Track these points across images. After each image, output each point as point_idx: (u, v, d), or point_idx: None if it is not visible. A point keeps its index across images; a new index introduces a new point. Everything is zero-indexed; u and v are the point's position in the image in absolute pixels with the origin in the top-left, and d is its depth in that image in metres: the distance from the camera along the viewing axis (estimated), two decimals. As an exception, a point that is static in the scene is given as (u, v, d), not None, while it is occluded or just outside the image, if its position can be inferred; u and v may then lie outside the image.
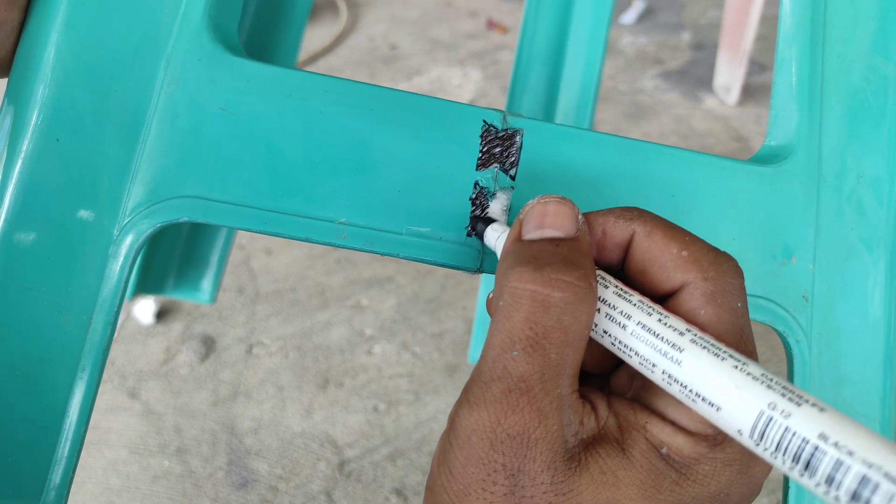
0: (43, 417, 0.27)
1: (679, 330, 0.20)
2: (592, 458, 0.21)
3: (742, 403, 0.18)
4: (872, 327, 0.30)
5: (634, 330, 0.21)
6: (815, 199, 0.30)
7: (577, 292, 0.20)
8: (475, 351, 0.77)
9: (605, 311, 0.22)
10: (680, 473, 0.21)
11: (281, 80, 0.28)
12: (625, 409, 0.22)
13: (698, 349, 0.19)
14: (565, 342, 0.20)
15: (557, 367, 0.20)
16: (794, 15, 0.31)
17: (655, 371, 0.20)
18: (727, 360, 0.19)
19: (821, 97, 0.31)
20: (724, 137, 1.53)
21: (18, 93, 0.27)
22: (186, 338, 1.08)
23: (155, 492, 0.90)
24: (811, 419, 0.17)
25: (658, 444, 0.21)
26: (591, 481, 0.20)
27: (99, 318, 0.27)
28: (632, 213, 0.23)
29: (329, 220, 0.28)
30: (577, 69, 0.61)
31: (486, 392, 0.21)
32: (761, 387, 0.18)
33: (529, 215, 0.23)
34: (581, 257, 0.22)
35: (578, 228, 0.22)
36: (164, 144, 0.27)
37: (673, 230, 0.22)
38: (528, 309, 0.20)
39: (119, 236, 0.27)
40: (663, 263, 0.22)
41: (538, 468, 0.20)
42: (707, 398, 0.19)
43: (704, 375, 0.19)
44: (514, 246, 0.23)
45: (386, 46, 1.79)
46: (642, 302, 0.21)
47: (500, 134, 0.28)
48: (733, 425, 0.18)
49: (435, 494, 0.22)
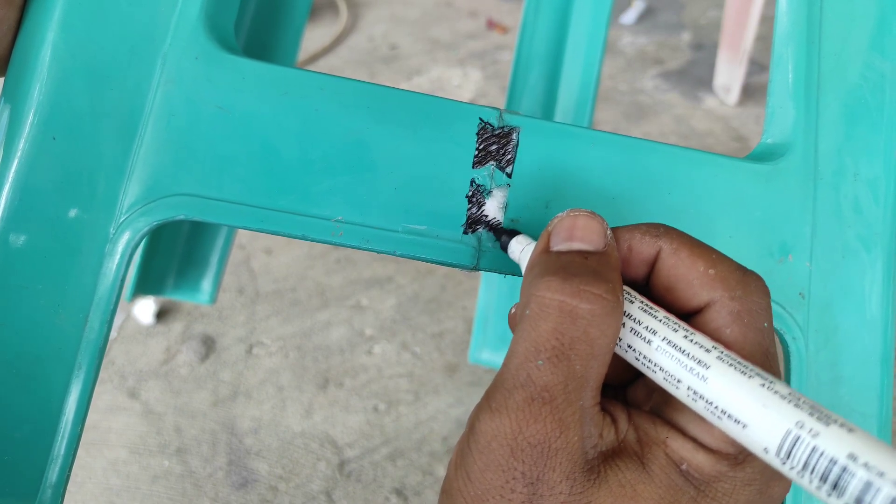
0: (39, 416, 0.27)
1: (705, 347, 0.20)
2: (612, 471, 0.21)
3: (769, 421, 0.18)
4: (869, 325, 0.30)
5: (660, 346, 0.21)
6: (812, 197, 0.30)
7: (604, 305, 0.20)
8: (475, 351, 0.77)
9: (631, 325, 0.22)
10: (699, 490, 0.21)
11: (277, 78, 0.28)
12: (645, 423, 0.22)
13: (725, 366, 0.19)
14: (591, 354, 0.20)
15: (581, 379, 0.20)
16: (791, 13, 0.31)
17: (680, 387, 0.20)
18: (754, 378, 0.19)
19: (817, 95, 0.31)
20: (724, 137, 1.53)
21: (15, 91, 0.27)
22: (186, 338, 1.08)
23: (155, 492, 0.90)
24: (840, 439, 0.17)
25: (678, 459, 0.21)
26: (609, 494, 0.20)
27: (95, 316, 0.27)
28: (658, 230, 0.23)
29: (325, 218, 0.28)
30: (576, 69, 0.61)
31: (509, 399, 0.21)
32: (789, 405, 0.18)
33: (558, 227, 0.23)
34: (609, 271, 0.22)
35: (607, 243, 0.23)
36: (161, 142, 0.27)
37: (700, 248, 0.22)
38: (555, 319, 0.20)
39: (115, 234, 0.27)
40: (690, 281, 0.22)
41: (557, 478, 0.20)
42: (733, 415, 0.19)
43: (731, 392, 0.19)
44: (541, 257, 0.23)
45: (386, 46, 1.79)
46: (668, 318, 0.21)
47: (496, 132, 0.28)
48: (759, 443, 0.18)
49: (451, 498, 0.22)
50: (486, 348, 0.76)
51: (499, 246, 0.28)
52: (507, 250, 0.27)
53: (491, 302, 0.76)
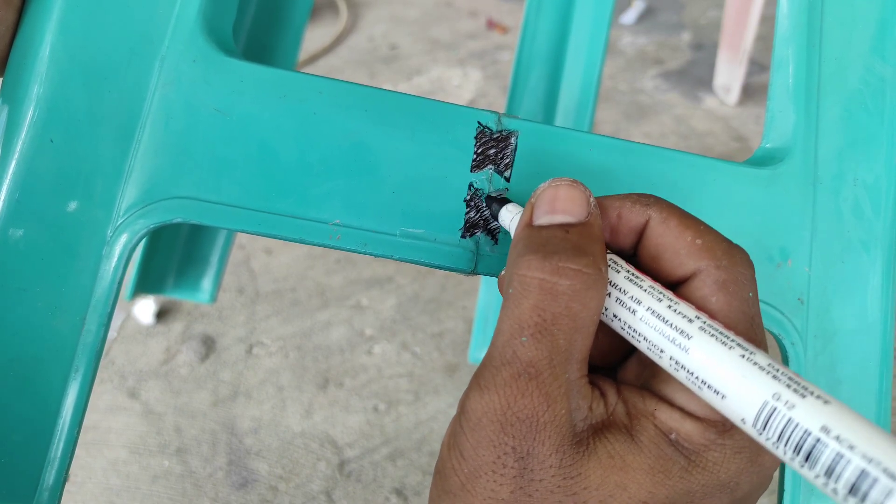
0: (36, 418, 0.27)
1: (688, 317, 0.20)
2: (601, 443, 0.21)
3: (747, 393, 0.18)
4: (868, 330, 0.30)
5: (644, 315, 0.21)
6: (812, 202, 0.30)
7: (585, 280, 0.21)
8: (475, 351, 0.77)
9: (616, 295, 0.22)
10: (689, 460, 0.21)
11: (276, 81, 0.28)
12: (634, 397, 0.22)
13: (707, 337, 0.20)
14: (574, 328, 0.21)
15: (566, 353, 0.21)
16: (791, 16, 0.31)
17: (663, 357, 0.21)
18: (735, 348, 0.19)
19: (817, 99, 0.31)
20: (724, 137, 1.52)
21: (13, 92, 0.27)
22: (186, 338, 1.08)
23: (155, 492, 0.90)
24: (815, 411, 0.17)
25: (667, 430, 0.21)
26: (598, 465, 0.21)
27: (93, 318, 0.27)
28: (648, 200, 0.23)
29: (323, 222, 0.28)
30: (577, 69, 0.60)
31: (497, 376, 0.21)
32: (767, 377, 0.18)
33: (540, 199, 0.23)
34: (591, 243, 0.22)
35: (590, 212, 0.23)
36: (159, 145, 0.27)
37: (688, 218, 0.23)
38: (536, 297, 0.21)
39: (113, 237, 0.27)
40: (677, 250, 0.22)
41: (547, 451, 0.20)
42: (713, 386, 0.19)
43: (711, 363, 0.19)
44: (524, 232, 0.23)
45: (386, 46, 1.79)
46: (653, 287, 0.21)
47: (494, 135, 0.28)
48: (737, 413, 0.19)
49: (445, 478, 0.22)
50: (486, 348, 0.76)
51: (494, 243, 0.28)
52: (498, 218, 0.27)
53: (491, 302, 0.76)
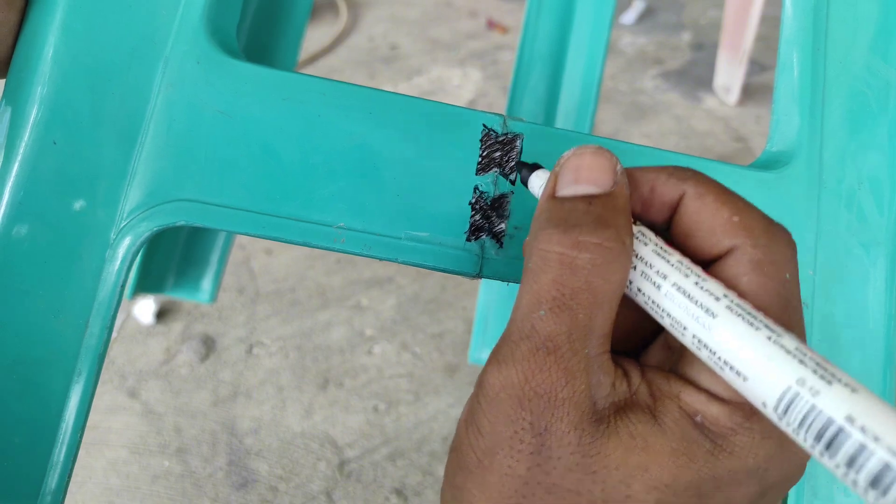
0: (39, 422, 0.27)
1: (715, 295, 0.19)
2: (622, 423, 0.20)
3: (770, 376, 0.18)
4: (873, 334, 0.30)
5: (668, 291, 0.20)
6: (816, 205, 0.30)
7: (606, 254, 0.20)
8: (475, 351, 0.77)
9: (641, 268, 0.21)
10: (715, 444, 0.20)
11: (279, 83, 0.27)
12: (658, 379, 0.22)
13: (732, 316, 0.19)
14: (594, 303, 0.20)
15: (586, 328, 0.20)
16: (796, 20, 0.31)
17: (686, 334, 0.20)
18: (761, 329, 0.18)
19: (822, 102, 0.30)
20: (724, 137, 1.52)
21: (16, 93, 0.27)
22: (186, 338, 1.08)
23: (155, 492, 0.90)
24: (840, 399, 0.16)
25: (692, 412, 0.21)
26: (619, 444, 0.20)
27: (95, 321, 0.27)
28: (685, 173, 0.22)
29: (327, 225, 0.27)
30: (578, 69, 0.60)
31: (515, 350, 0.20)
32: (793, 361, 0.17)
33: (564, 169, 0.22)
34: (615, 215, 0.21)
35: (616, 182, 0.21)
36: (162, 147, 0.27)
37: (727, 194, 0.21)
38: (555, 271, 0.20)
39: (116, 239, 0.27)
40: (712, 227, 0.21)
41: (565, 428, 0.20)
42: (735, 367, 0.18)
43: (734, 343, 0.18)
44: (547, 204, 0.22)
45: (386, 46, 1.79)
46: (681, 263, 0.20)
47: (500, 138, 0.28)
48: (759, 397, 0.18)
49: (461, 454, 0.22)
50: (486, 348, 0.76)
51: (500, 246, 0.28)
52: (528, 185, 0.26)
53: (491, 302, 0.76)
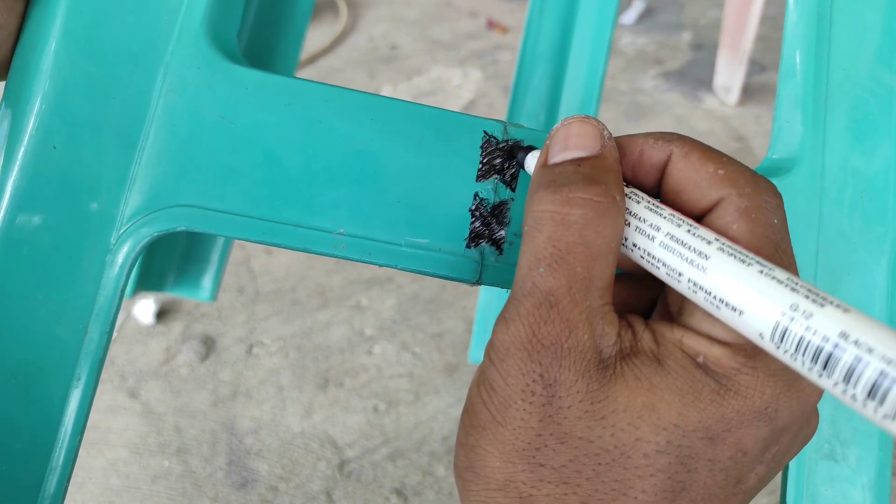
0: (38, 426, 0.27)
1: (707, 239, 0.20)
2: (628, 367, 0.21)
3: (764, 306, 0.18)
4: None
5: (662, 241, 0.21)
6: (818, 213, 0.30)
7: (596, 208, 0.21)
8: (475, 351, 0.77)
9: (635, 224, 0.22)
10: (720, 384, 0.21)
11: (280, 88, 0.27)
12: (661, 327, 0.23)
13: (725, 256, 0.19)
14: (590, 256, 0.21)
15: (585, 280, 0.21)
16: (800, 26, 0.31)
17: (682, 280, 0.20)
18: (753, 265, 0.19)
19: (825, 110, 0.30)
20: (724, 137, 1.52)
21: (16, 98, 0.27)
22: (186, 338, 1.08)
23: (155, 492, 0.90)
24: (833, 319, 0.17)
25: (694, 353, 0.21)
26: (625, 387, 0.21)
27: (95, 326, 0.27)
28: (671, 137, 0.23)
29: (327, 231, 0.27)
30: (580, 70, 0.60)
31: (520, 307, 0.21)
32: (785, 289, 0.18)
33: (554, 139, 0.23)
34: (603, 173, 0.22)
35: (603, 145, 0.23)
36: (162, 153, 0.27)
37: (710, 151, 0.23)
38: (550, 229, 0.21)
39: (116, 245, 0.27)
40: (698, 182, 0.22)
41: (573, 377, 0.21)
42: (730, 303, 0.19)
43: (728, 280, 0.19)
44: (539, 172, 0.23)
45: (386, 46, 1.79)
46: (673, 215, 0.21)
47: (500, 145, 0.28)
48: (755, 329, 0.18)
49: (474, 413, 0.22)
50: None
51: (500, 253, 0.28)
52: (525, 166, 0.27)
53: (491, 302, 0.76)
